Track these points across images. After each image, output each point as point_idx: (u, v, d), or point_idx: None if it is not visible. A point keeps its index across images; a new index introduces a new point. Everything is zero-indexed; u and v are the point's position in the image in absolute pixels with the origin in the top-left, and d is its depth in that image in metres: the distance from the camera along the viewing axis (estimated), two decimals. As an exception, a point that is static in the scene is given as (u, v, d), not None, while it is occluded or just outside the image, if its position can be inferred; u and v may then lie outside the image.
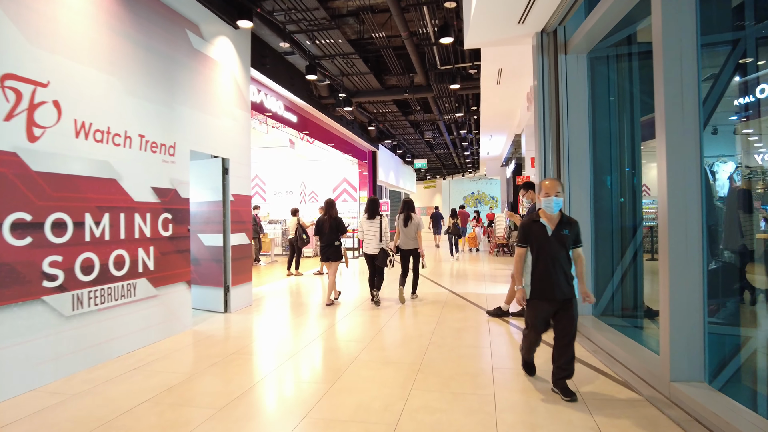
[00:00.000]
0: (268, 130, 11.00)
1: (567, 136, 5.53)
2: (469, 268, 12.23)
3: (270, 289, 9.13)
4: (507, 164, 21.02)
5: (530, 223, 3.60)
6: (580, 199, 5.53)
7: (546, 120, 5.58)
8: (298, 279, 10.66)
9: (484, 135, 16.69)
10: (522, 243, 3.63)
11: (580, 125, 5.55)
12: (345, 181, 18.62)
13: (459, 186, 35.40)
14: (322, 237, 7.26)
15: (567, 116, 5.55)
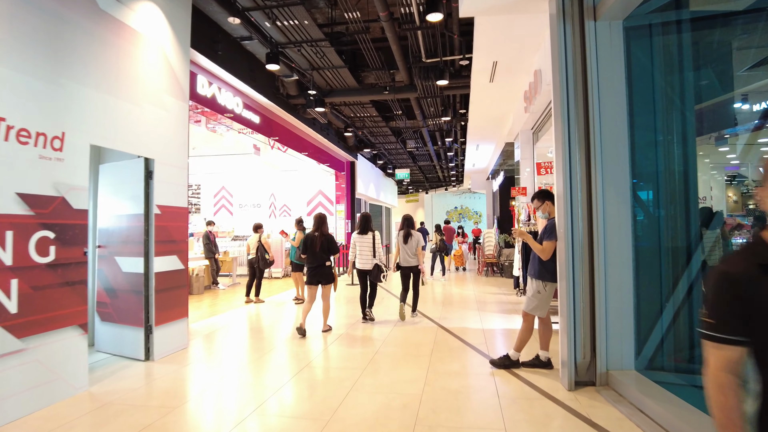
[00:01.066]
0: (228, 132, 9.47)
1: (599, 129, 4.14)
2: (456, 291, 10.76)
3: (222, 322, 7.51)
4: (494, 177, 19.79)
5: (753, 273, 1.35)
6: (616, 212, 4.13)
7: (570, 108, 4.19)
8: (259, 307, 9.04)
9: (470, 144, 15.39)
10: (730, 328, 1.38)
11: (615, 114, 4.17)
12: (321, 194, 17.10)
13: (442, 200, 34.15)
14: (311, 257, 6.32)
15: (598, 102, 4.16)
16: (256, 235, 9.72)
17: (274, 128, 10.72)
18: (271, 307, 9.06)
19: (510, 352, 4.76)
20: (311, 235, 6.41)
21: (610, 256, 4.12)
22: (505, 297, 9.72)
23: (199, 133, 10.38)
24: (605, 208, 4.13)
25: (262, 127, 10.00)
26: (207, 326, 7.11)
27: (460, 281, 12.85)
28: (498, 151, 15.74)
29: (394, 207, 28.52)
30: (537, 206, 4.71)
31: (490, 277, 13.60)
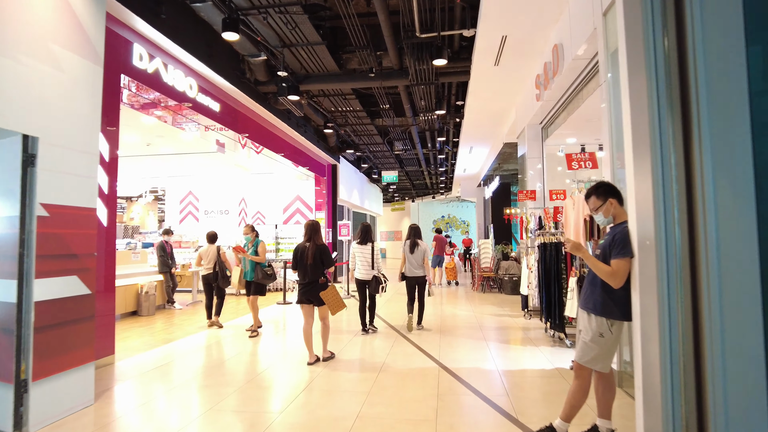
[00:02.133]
0: (174, 120, 7.88)
1: (703, 88, 2.68)
2: (452, 312, 9.24)
3: (171, 353, 5.87)
4: (486, 183, 18.45)
5: None
6: (733, 213, 2.66)
7: (656, 57, 2.72)
8: (219, 333, 7.40)
9: (464, 146, 14.00)
10: None
11: (728, 67, 2.72)
12: (299, 200, 15.52)
13: (429, 209, 32.76)
14: (302, 271, 5.44)
15: (701, 50, 2.71)
16: (212, 247, 8.10)
17: (239, 120, 9.14)
18: (234, 332, 7.42)
19: (556, 421, 3.23)
20: (302, 246, 5.48)
21: (726, 280, 2.64)
22: (511, 320, 8.23)
23: (153, 126, 8.76)
24: (716, 208, 2.65)
25: (224, 117, 8.41)
26: (148, 361, 5.47)
27: (453, 298, 11.34)
28: (493, 154, 14.37)
29: (379, 215, 27.01)
30: (595, 207, 3.22)
31: (488, 293, 12.12)
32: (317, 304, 5.37)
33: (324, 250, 5.41)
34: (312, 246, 5.37)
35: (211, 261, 7.93)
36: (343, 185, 16.23)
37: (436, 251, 13.30)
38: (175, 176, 14.89)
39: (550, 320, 6.30)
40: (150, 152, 11.13)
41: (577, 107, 6.93)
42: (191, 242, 13.34)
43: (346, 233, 11.51)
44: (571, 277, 5.63)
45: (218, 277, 7.85)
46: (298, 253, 5.43)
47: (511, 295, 11.49)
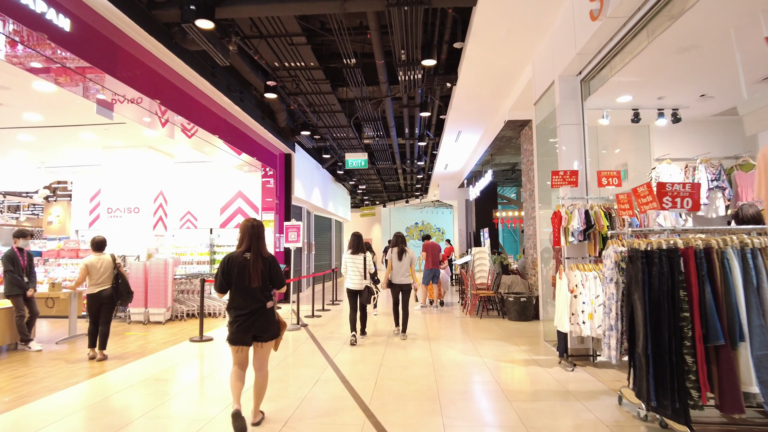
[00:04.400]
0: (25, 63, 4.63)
1: None
2: (451, 359, 6.22)
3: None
4: (471, 183, 15.63)
5: None
6: None
7: None
8: (106, 378, 4.20)
9: (450, 130, 11.11)
10: None
11: None
12: (241, 197, 12.28)
13: (401, 215, 29.83)
14: (239, 294, 3.66)
15: None
16: (105, 258, 6.21)
17: (119, 59, 5.92)
18: (128, 380, 4.20)
19: None
20: (239, 257, 3.71)
21: None
22: (544, 372, 5.24)
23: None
24: None
25: (83, 48, 5.21)
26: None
27: (444, 328, 8.33)
28: (486, 141, 11.54)
29: (347, 221, 23.90)
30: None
31: (486, 317, 9.16)
32: (265, 339, 3.74)
33: (273, 264, 3.82)
34: (255, 258, 3.70)
35: (103, 275, 6.10)
36: (299, 180, 13.07)
37: (428, 263, 10.29)
38: (76, 166, 11.43)
39: (659, 398, 3.31)
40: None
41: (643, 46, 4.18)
42: (58, 248, 9.92)
43: (295, 238, 8.38)
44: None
45: (120, 294, 6.22)
46: (233, 268, 3.69)
47: (518, 322, 8.55)
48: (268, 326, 3.70)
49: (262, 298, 3.67)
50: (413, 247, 29.86)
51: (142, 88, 6.37)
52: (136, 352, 6.54)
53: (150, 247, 9.59)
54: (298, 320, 8.66)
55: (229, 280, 3.65)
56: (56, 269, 9.64)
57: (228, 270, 3.64)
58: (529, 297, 8.71)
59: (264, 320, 3.68)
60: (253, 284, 3.61)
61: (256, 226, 3.78)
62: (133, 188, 9.75)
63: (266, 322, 3.69)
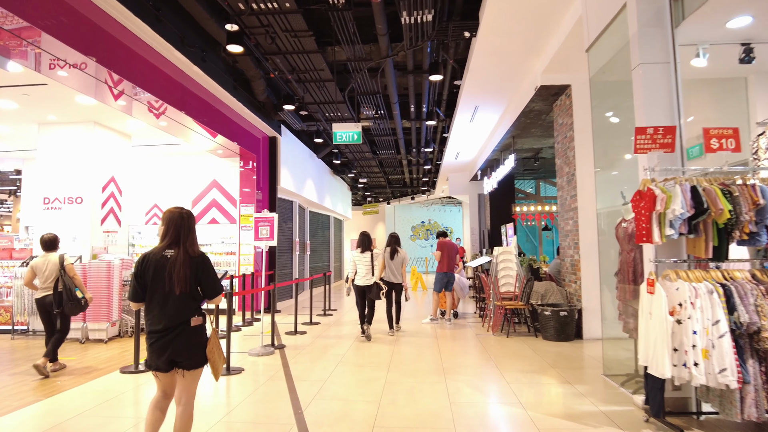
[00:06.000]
0: None
1: None
2: (478, 410, 4.31)
3: None
4: (486, 174, 13.68)
5: None
6: None
7: None
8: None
9: (465, 105, 9.19)
10: None
11: None
12: (215, 187, 10.44)
13: (407, 213, 27.92)
14: (157, 305, 2.82)
15: None
16: (51, 258, 5.53)
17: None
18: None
19: None
20: (156, 255, 2.84)
21: None
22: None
23: None
24: None
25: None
26: None
27: (460, 353, 6.41)
28: (508, 118, 9.60)
29: (348, 219, 22.02)
30: None
31: (513, 336, 7.23)
32: (188, 367, 2.78)
33: (203, 265, 2.87)
34: (180, 257, 2.78)
35: (48, 278, 5.47)
36: (288, 169, 11.19)
37: (442, 266, 8.46)
38: (29, 150, 9.60)
39: None
40: None
41: None
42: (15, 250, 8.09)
43: (268, 234, 6.47)
44: None
45: (62, 301, 5.42)
46: (148, 269, 2.80)
47: (556, 343, 6.62)
48: (188, 349, 2.80)
49: (186, 312, 2.81)
50: (419, 248, 28.01)
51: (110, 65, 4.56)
52: (36, 389, 4.67)
53: (96, 246, 7.73)
54: (273, 341, 6.76)
55: (144, 286, 2.82)
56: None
57: (142, 272, 2.82)
58: (570, 310, 6.78)
59: (183, 341, 2.80)
60: (175, 290, 2.77)
61: (185, 216, 2.92)
62: (74, 174, 7.89)
63: (186, 344, 2.80)
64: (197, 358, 2.81)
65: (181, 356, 2.77)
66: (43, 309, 5.49)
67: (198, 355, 2.81)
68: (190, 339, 2.80)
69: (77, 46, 5.07)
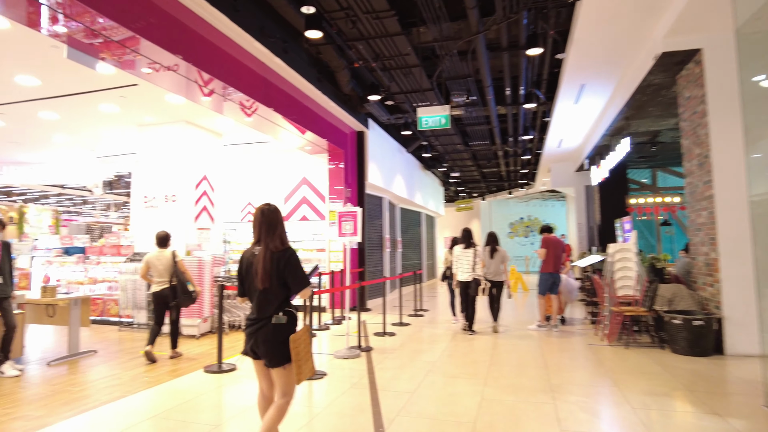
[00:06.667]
0: None
1: None
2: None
3: None
4: (594, 163, 12.31)
5: None
6: None
7: None
8: None
9: (569, 84, 8.15)
10: None
11: None
12: (305, 184, 10.38)
13: (503, 209, 26.56)
14: (249, 297, 2.97)
15: None
16: (164, 254, 5.84)
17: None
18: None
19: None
20: (247, 252, 3.00)
21: None
22: None
23: None
24: None
25: None
26: None
27: (573, 366, 5.55)
28: (621, 97, 8.36)
29: (440, 216, 21.37)
30: None
31: (637, 349, 6.15)
32: (268, 364, 2.82)
33: (290, 260, 2.87)
34: (261, 252, 2.85)
35: (164, 273, 5.79)
36: (375, 164, 10.84)
37: (547, 265, 7.63)
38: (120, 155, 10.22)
39: None
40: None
41: None
42: (126, 247, 8.52)
43: (352, 230, 6.08)
44: None
45: (177, 294, 5.77)
46: (243, 266, 2.97)
47: (690, 358, 5.50)
48: (266, 345, 2.80)
49: (268, 307, 2.83)
50: (518, 246, 26.42)
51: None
52: (125, 384, 4.65)
53: (190, 243, 7.90)
54: (359, 342, 6.36)
55: (242, 281, 2.99)
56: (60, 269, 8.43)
57: (240, 268, 3.00)
58: (708, 319, 5.59)
59: (263, 336, 2.82)
60: (257, 283, 2.83)
61: (266, 212, 2.96)
62: (169, 173, 8.13)
63: (264, 340, 2.81)
64: (274, 356, 2.78)
65: (260, 351, 2.82)
66: (159, 301, 5.81)
67: (275, 354, 2.78)
68: (269, 336, 2.79)
69: (169, 47, 5.04)
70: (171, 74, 5.64)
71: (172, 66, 5.49)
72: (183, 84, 6.01)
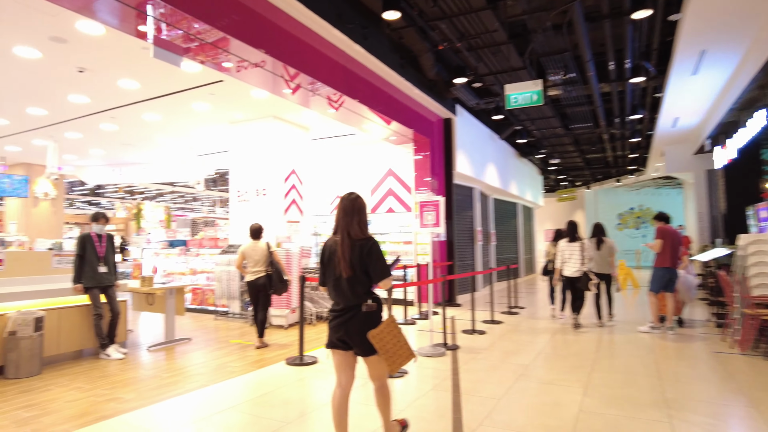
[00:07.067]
0: None
1: None
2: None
3: None
4: (718, 143, 10.72)
5: None
6: None
7: None
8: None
9: (685, 51, 7.05)
10: None
11: None
12: (391, 176, 10.20)
13: (611, 198, 24.46)
14: (333, 290, 2.96)
15: None
16: (259, 245, 6.13)
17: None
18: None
19: None
20: (329, 241, 3.03)
21: None
22: None
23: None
24: None
25: None
26: None
27: (695, 377, 4.75)
28: (752, 64, 7.09)
29: (538, 207, 20.19)
30: None
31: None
32: (360, 353, 2.87)
33: (372, 249, 2.89)
34: (343, 242, 2.87)
35: (259, 263, 6.07)
36: (464, 153, 10.34)
37: (663, 259, 6.59)
38: (210, 153, 10.73)
39: None
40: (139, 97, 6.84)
41: None
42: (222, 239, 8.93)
43: (434, 221, 5.73)
44: None
45: (273, 283, 6.05)
46: (325, 255, 3.01)
47: None
48: (359, 335, 2.80)
49: (355, 296, 2.85)
50: (628, 239, 24.15)
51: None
52: (207, 374, 4.75)
53: (280, 235, 8.05)
54: (444, 340, 6.01)
55: (324, 270, 3.01)
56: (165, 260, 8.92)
57: (322, 257, 3.03)
58: None
59: (354, 325, 2.84)
60: (342, 274, 2.85)
61: (345, 200, 2.98)
62: (259, 167, 8.35)
63: (357, 329, 2.82)
64: (367, 345, 2.77)
65: (353, 341, 2.83)
66: (254, 290, 6.08)
67: (368, 342, 2.77)
68: (361, 324, 2.81)
69: (252, 41, 5.06)
70: (258, 71, 5.69)
71: (260, 62, 5.53)
72: (270, 79, 6.06)
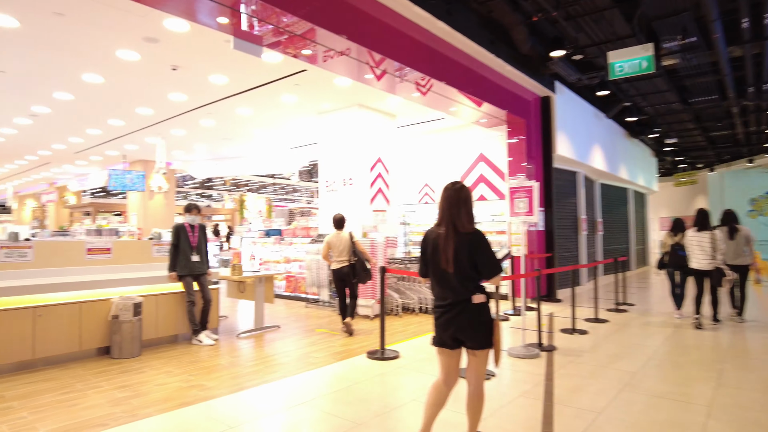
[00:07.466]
0: None
1: None
2: None
3: None
4: None
5: None
6: None
7: None
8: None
9: None
10: None
11: None
12: (483, 161, 9.68)
13: (741, 181, 21.37)
14: (437, 283, 2.83)
15: None
16: (342, 235, 6.21)
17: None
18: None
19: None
20: (432, 233, 2.87)
21: None
22: None
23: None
24: None
25: None
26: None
27: None
28: None
29: (653, 192, 18.25)
30: None
31: None
32: (474, 347, 2.72)
33: (479, 243, 2.73)
34: (445, 233, 2.73)
35: (343, 252, 6.18)
36: (565, 134, 9.46)
37: None
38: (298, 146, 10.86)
39: None
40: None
41: None
42: (308, 229, 9.03)
43: (527, 208, 5.18)
44: None
45: (357, 272, 6.15)
46: (427, 247, 2.87)
47: None
48: (472, 328, 2.71)
49: (461, 289, 2.70)
50: (763, 227, 21.00)
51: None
52: (289, 363, 4.73)
53: (366, 225, 7.94)
54: (539, 339, 5.47)
55: (426, 262, 2.87)
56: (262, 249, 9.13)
57: (424, 249, 2.88)
58: None
59: (466, 319, 2.70)
60: (443, 266, 2.71)
61: (449, 190, 2.80)
62: (345, 156, 8.29)
63: (469, 323, 2.71)
64: (481, 337, 2.70)
65: (465, 335, 2.72)
66: (339, 278, 6.20)
67: (482, 335, 2.71)
68: (474, 317, 2.70)
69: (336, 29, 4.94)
70: (344, 59, 5.57)
71: (345, 50, 5.40)
72: (354, 67, 5.91)
